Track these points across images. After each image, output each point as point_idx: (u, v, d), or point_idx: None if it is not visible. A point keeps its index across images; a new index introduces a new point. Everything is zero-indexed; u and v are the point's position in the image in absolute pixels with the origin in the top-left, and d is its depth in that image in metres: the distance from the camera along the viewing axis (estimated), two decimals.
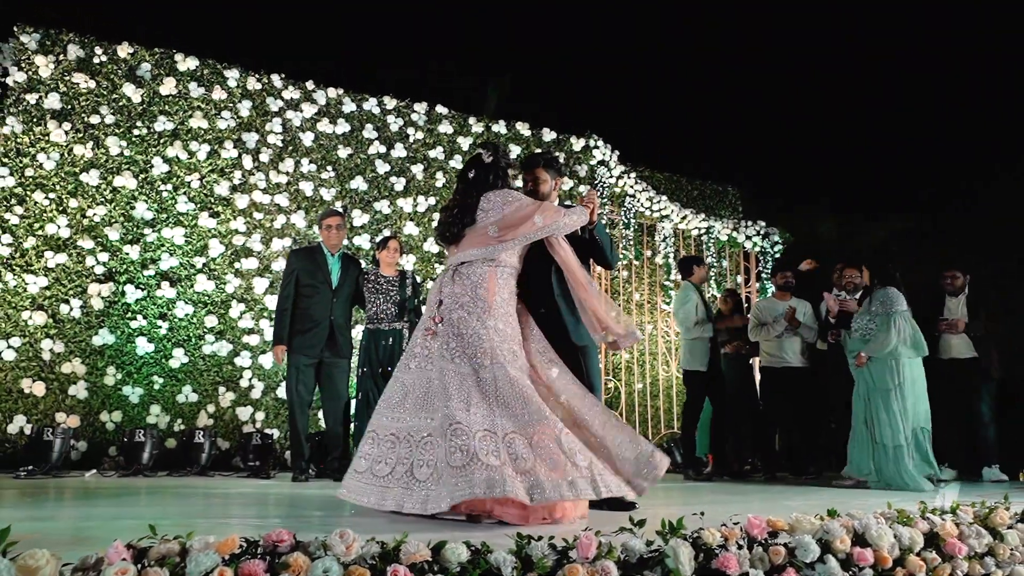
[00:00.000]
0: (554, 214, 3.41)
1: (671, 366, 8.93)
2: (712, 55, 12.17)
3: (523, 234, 3.34)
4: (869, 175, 12.95)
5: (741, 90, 12.19)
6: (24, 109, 6.20)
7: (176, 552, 1.70)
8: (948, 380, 6.46)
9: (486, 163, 3.49)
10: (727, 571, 2.21)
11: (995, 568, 2.86)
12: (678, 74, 11.70)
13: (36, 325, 5.91)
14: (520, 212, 3.35)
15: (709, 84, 11.94)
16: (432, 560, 1.91)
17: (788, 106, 12.41)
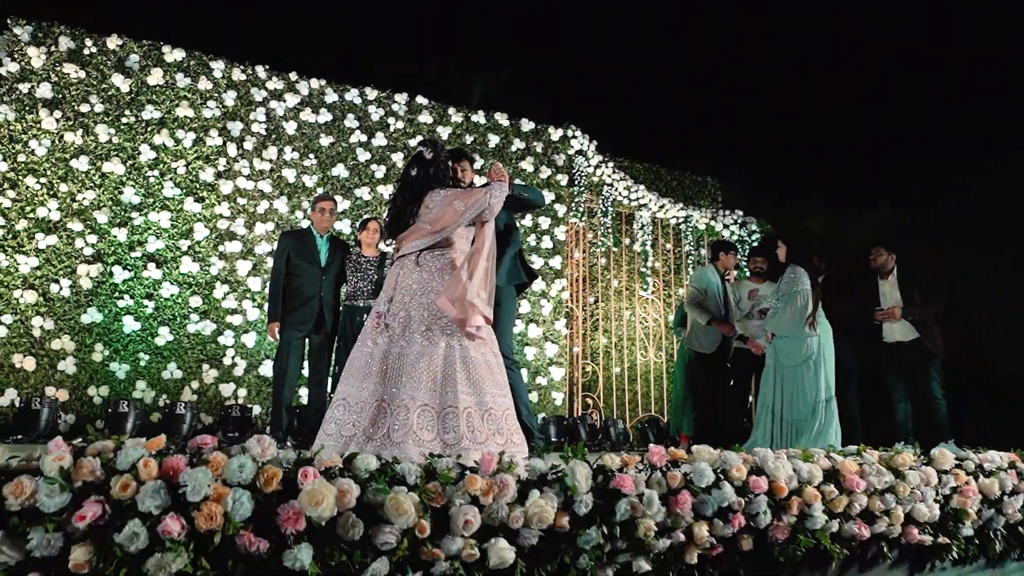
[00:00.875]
0: (473, 195, 3.63)
1: (648, 351, 9.15)
2: (703, 51, 12.39)
3: (450, 222, 3.57)
4: (858, 170, 13.15)
5: (729, 84, 12.41)
6: (17, 98, 6.46)
7: (111, 448, 1.94)
8: (897, 363, 6.61)
9: (427, 159, 3.77)
10: (623, 489, 2.45)
11: (896, 504, 3.09)
12: (663, 67, 11.92)
13: (27, 303, 6.17)
14: (447, 206, 3.61)
15: (695, 77, 12.16)
16: (344, 468, 2.15)
17: (777, 101, 12.62)
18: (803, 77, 11.96)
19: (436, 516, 2.17)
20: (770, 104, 12.08)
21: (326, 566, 1.99)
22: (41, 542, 1.76)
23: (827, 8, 11.74)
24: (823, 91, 11.93)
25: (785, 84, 11.96)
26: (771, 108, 12.05)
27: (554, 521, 2.32)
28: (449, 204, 3.59)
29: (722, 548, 2.66)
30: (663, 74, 11.87)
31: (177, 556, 1.80)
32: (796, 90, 12.00)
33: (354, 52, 8.66)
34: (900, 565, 3.27)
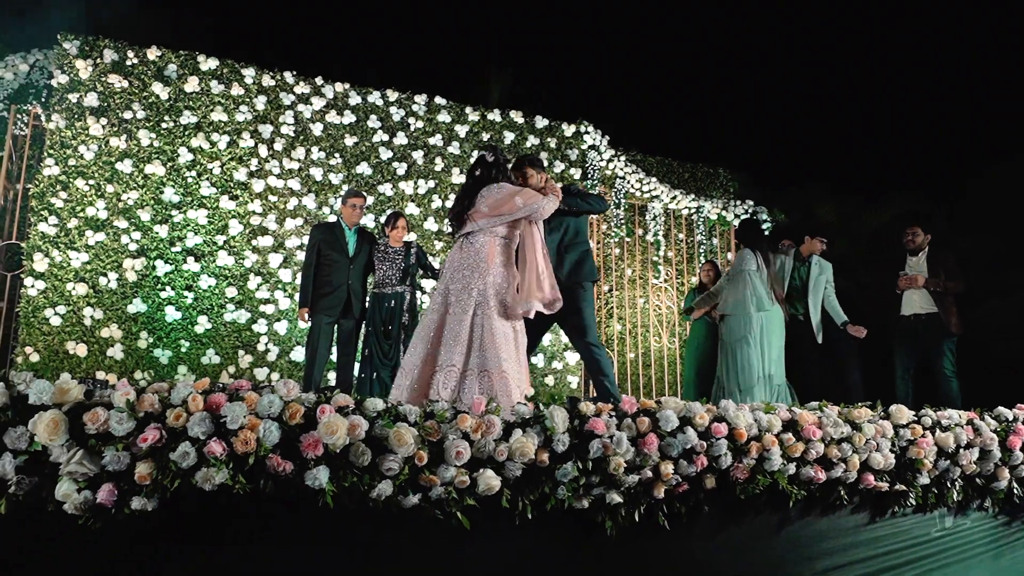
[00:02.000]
0: (532, 197, 4.17)
1: (662, 338, 9.51)
2: (714, 45, 12.69)
3: (508, 211, 4.14)
4: (869, 158, 13.36)
5: (739, 77, 12.69)
6: (67, 107, 7.02)
7: (166, 389, 2.40)
8: (911, 335, 6.90)
9: (488, 162, 4.33)
10: (596, 431, 2.86)
11: (852, 453, 3.45)
12: (675, 62, 12.23)
13: (79, 295, 6.73)
14: (504, 195, 4.16)
15: (707, 71, 12.45)
16: (356, 407, 2.59)
17: (789, 92, 12.88)
18: (812, 67, 12.20)
19: (433, 448, 2.60)
20: (780, 95, 12.34)
21: (340, 485, 2.43)
22: (113, 459, 2.22)
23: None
24: (833, 81, 12.16)
25: (794, 75, 12.21)
26: (781, 99, 12.31)
27: (535, 456, 2.74)
28: (511, 196, 4.12)
29: (687, 485, 3.06)
30: (675, 69, 12.19)
31: (219, 471, 2.25)
32: (806, 81, 12.25)
33: (376, 56, 9.13)
34: (862, 510, 3.63)
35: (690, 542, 3.15)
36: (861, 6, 12.43)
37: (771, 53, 12.34)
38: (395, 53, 9.82)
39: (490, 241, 4.14)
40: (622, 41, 12.47)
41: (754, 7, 12.21)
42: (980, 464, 3.88)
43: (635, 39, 12.41)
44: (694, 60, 12.27)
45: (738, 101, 12.43)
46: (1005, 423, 4.03)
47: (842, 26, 12.35)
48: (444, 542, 2.65)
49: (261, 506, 2.36)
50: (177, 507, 2.28)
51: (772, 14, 12.14)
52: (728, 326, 6.18)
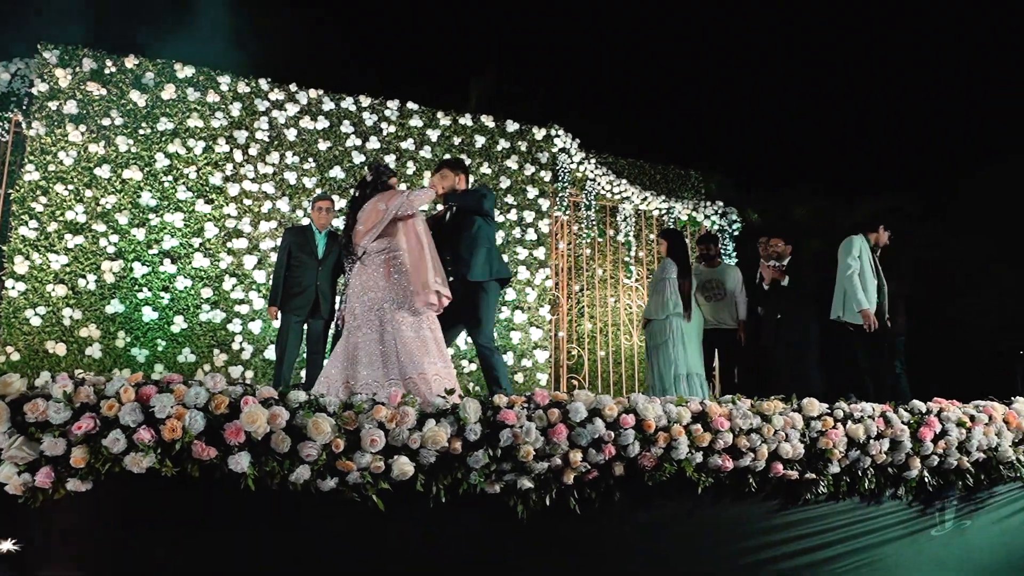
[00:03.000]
0: (395, 196, 4.44)
1: (633, 336, 9.75)
2: (685, 48, 12.92)
3: (378, 219, 4.39)
4: (845, 159, 13.59)
5: (714, 79, 12.92)
6: (47, 115, 7.25)
7: (103, 382, 2.65)
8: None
9: (367, 182, 4.70)
10: (507, 421, 3.11)
11: (761, 444, 3.70)
12: (651, 64, 12.47)
13: (58, 296, 6.97)
14: (370, 208, 4.48)
15: (680, 75, 12.68)
16: (279, 399, 2.84)
17: (765, 94, 13.11)
18: (787, 69, 12.43)
19: (350, 436, 2.85)
20: (756, 97, 12.57)
21: (262, 470, 2.68)
22: (50, 444, 2.47)
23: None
24: (809, 82, 12.39)
25: (770, 77, 12.44)
26: (757, 101, 12.54)
27: (448, 444, 2.99)
28: (374, 206, 4.39)
29: (597, 473, 3.31)
30: (648, 72, 12.43)
31: (147, 456, 2.50)
32: (782, 82, 12.48)
33: (349, 62, 9.37)
34: (774, 498, 3.88)
35: (602, 526, 3.39)
36: (838, 5, 12.66)
37: (746, 54, 12.58)
38: (371, 60, 10.06)
39: (381, 259, 4.41)
40: (596, 45, 12.72)
41: (728, 8, 12.45)
42: (891, 454, 4.12)
43: (609, 43, 12.66)
44: (666, 63, 12.50)
45: (712, 104, 12.67)
46: (918, 415, 4.28)
47: (816, 26, 12.59)
48: (362, 523, 2.90)
49: (188, 489, 2.61)
50: (111, 489, 2.53)
51: (747, 15, 12.39)
52: (650, 331, 6.59)
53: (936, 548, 4.28)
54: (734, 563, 3.72)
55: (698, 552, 3.65)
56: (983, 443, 4.32)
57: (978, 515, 4.40)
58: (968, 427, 4.31)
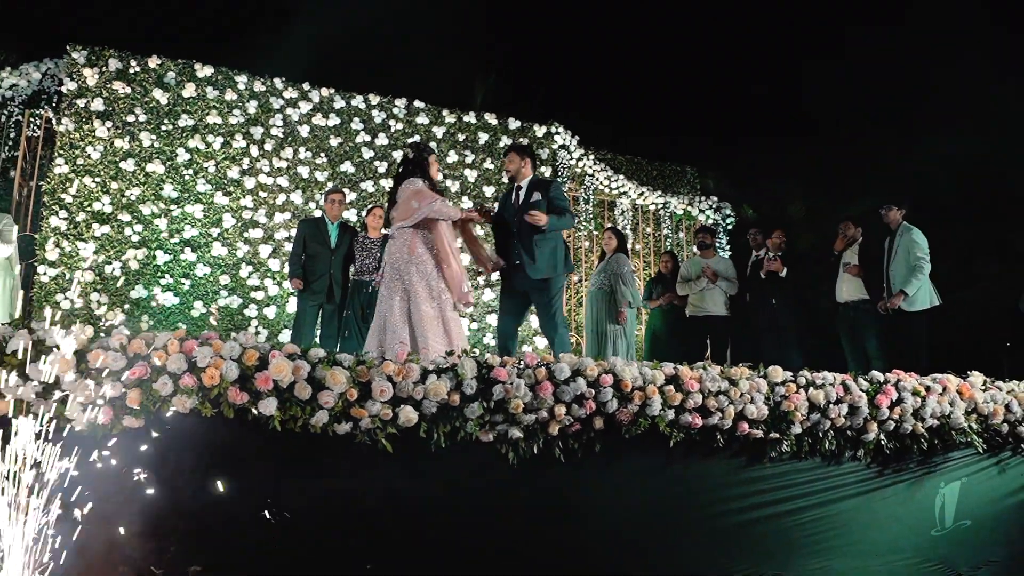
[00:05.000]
0: (427, 199, 4.95)
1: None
2: (685, 46, 13.32)
3: (410, 215, 4.88)
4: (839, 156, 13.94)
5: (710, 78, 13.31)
6: (75, 111, 7.74)
7: (152, 336, 3.10)
8: (846, 323, 7.59)
9: (409, 159, 5.07)
10: (499, 378, 3.55)
11: (728, 404, 4.13)
12: (649, 64, 12.87)
13: (86, 282, 7.45)
14: (403, 200, 5.02)
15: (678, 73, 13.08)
16: (302, 354, 3.29)
17: (759, 91, 13.49)
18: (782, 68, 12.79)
19: (362, 387, 3.29)
20: (751, 94, 12.94)
21: (286, 414, 3.13)
22: (111, 387, 2.92)
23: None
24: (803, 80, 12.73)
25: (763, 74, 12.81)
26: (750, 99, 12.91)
27: (447, 396, 3.43)
28: (408, 198, 4.87)
29: (579, 426, 3.74)
30: (645, 72, 12.83)
31: (190, 397, 2.95)
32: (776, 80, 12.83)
33: (360, 62, 9.82)
34: (741, 455, 4.30)
35: (583, 474, 3.83)
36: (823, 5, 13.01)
37: (740, 53, 12.96)
38: (380, 59, 10.52)
39: (411, 233, 4.92)
40: (596, 45, 13.12)
41: (721, 8, 12.84)
42: (850, 418, 4.53)
43: (607, 43, 13.06)
44: (663, 63, 12.90)
45: (708, 102, 13.06)
46: (876, 384, 4.69)
47: (809, 24, 12.96)
48: (373, 463, 3.33)
49: (223, 427, 3.06)
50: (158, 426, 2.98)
51: (739, 15, 12.77)
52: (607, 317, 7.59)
53: (891, 507, 4.68)
54: (704, 512, 4.15)
55: (670, 501, 4.07)
56: (936, 411, 4.72)
57: (930, 477, 4.81)
58: (923, 396, 4.72)
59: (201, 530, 2.99)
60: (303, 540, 3.19)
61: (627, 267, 7.65)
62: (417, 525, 3.42)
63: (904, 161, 11.85)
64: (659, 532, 4.04)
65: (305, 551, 3.19)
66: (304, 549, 3.19)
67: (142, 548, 2.89)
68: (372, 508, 3.36)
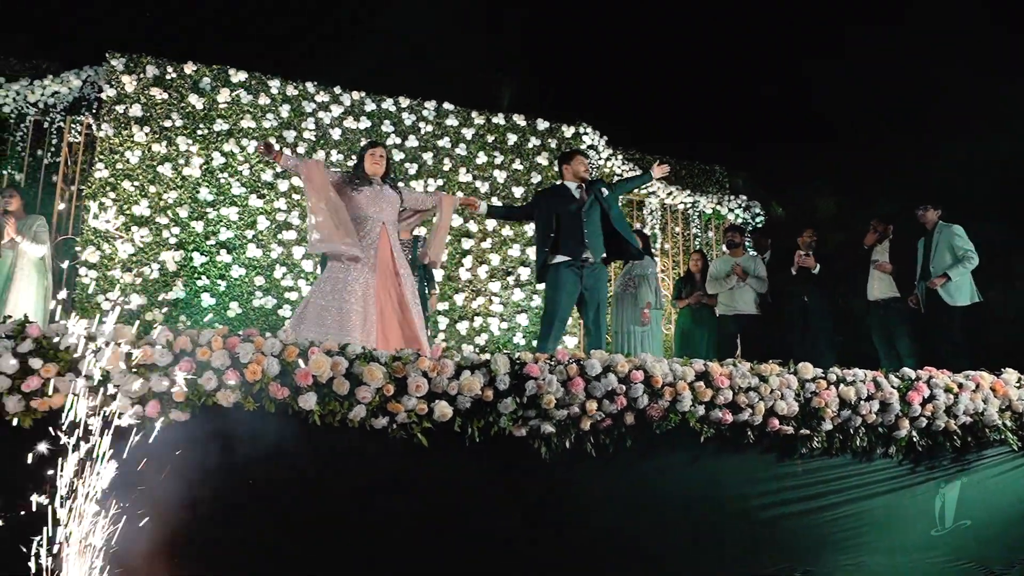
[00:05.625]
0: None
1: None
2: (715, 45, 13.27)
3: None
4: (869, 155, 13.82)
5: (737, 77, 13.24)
6: (114, 117, 7.94)
7: (196, 333, 3.21)
8: (874, 318, 7.57)
9: None
10: (531, 374, 3.61)
11: (759, 401, 4.15)
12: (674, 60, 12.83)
13: (126, 283, 7.64)
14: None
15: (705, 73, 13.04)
16: (340, 350, 3.38)
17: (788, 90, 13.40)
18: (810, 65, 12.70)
19: (398, 383, 3.37)
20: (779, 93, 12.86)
21: (325, 408, 3.22)
22: (157, 383, 3.03)
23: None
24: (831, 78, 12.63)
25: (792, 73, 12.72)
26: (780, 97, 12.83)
27: (481, 392, 3.50)
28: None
29: (610, 421, 3.79)
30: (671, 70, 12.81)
31: (234, 392, 3.05)
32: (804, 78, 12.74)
33: (389, 65, 9.95)
34: (771, 451, 4.33)
35: (615, 469, 3.88)
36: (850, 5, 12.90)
37: (770, 52, 12.90)
38: (409, 62, 10.64)
39: None
40: (624, 45, 13.13)
41: (750, 7, 12.79)
42: (881, 415, 4.53)
43: (636, 43, 13.06)
44: (691, 62, 12.87)
45: (737, 100, 13.01)
46: (908, 381, 4.69)
47: (839, 23, 12.86)
48: (408, 457, 3.42)
49: (265, 421, 3.16)
50: (204, 419, 3.09)
51: (769, 15, 12.70)
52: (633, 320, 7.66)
53: (924, 503, 4.68)
54: (734, 508, 4.17)
55: (701, 497, 4.11)
56: (970, 408, 4.70)
57: (964, 475, 4.79)
58: (956, 393, 4.71)
59: (245, 522, 3.09)
60: (343, 531, 3.28)
61: (651, 268, 7.70)
62: (451, 517, 3.50)
63: (933, 160, 11.73)
64: (690, 527, 4.07)
65: (346, 542, 3.28)
66: (345, 541, 3.28)
67: (190, 540, 3.00)
68: (407, 500, 3.44)
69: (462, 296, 8.73)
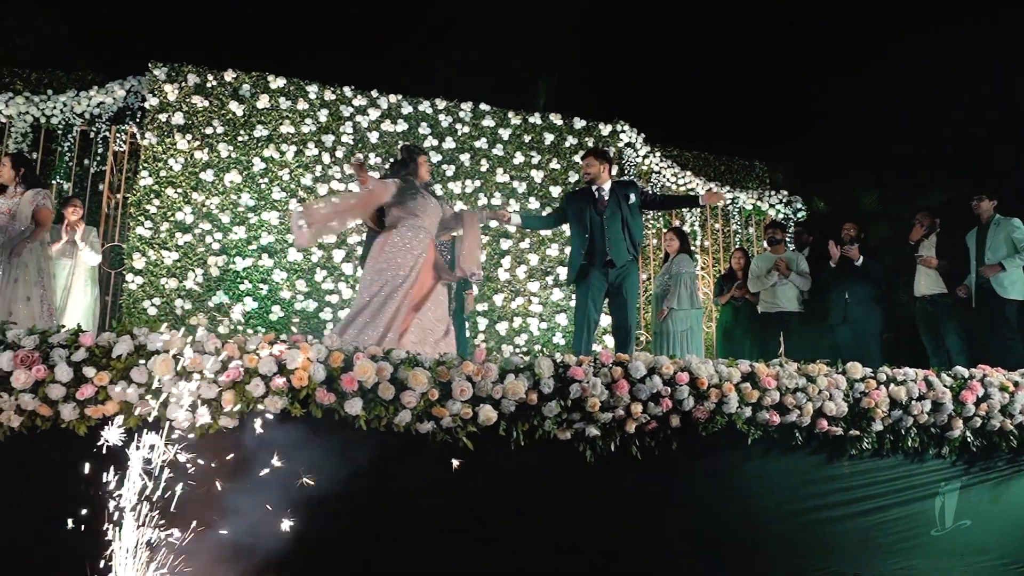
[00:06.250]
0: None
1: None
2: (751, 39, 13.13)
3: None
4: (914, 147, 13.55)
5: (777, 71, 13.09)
6: (157, 126, 8.07)
7: (244, 340, 3.24)
8: (921, 314, 7.39)
9: (395, 162, 5.35)
10: (575, 377, 3.59)
11: (807, 401, 4.09)
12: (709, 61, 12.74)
13: (170, 288, 7.77)
14: None
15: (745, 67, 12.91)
16: (384, 355, 3.39)
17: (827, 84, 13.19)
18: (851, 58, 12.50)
19: (443, 387, 3.38)
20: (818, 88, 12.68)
21: (371, 413, 3.23)
22: (203, 388, 3.06)
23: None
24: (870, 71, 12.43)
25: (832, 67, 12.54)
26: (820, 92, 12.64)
27: (525, 396, 3.49)
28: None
29: (656, 423, 3.76)
30: (709, 66, 12.70)
31: (281, 398, 3.08)
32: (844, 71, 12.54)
33: (426, 67, 10.00)
34: (820, 452, 4.25)
35: (661, 472, 3.84)
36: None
37: (808, 45, 12.72)
38: (446, 64, 10.69)
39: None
40: (660, 42, 13.04)
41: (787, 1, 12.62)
42: (934, 415, 4.43)
43: (673, 39, 12.97)
44: (728, 56, 12.74)
45: (776, 93, 12.85)
46: (960, 380, 4.58)
47: (883, 15, 12.63)
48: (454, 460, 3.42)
49: (312, 427, 3.18)
50: (250, 425, 3.12)
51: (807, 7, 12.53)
52: (674, 318, 7.48)
53: (977, 506, 4.56)
54: (782, 510, 4.11)
55: (748, 499, 4.05)
56: None
57: (1020, 476, 4.66)
58: (1011, 392, 4.58)
59: (294, 526, 3.11)
60: (391, 535, 3.29)
61: (688, 268, 7.66)
62: (496, 521, 3.49)
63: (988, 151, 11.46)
64: (737, 530, 4.02)
65: (394, 546, 3.30)
66: (393, 544, 3.29)
67: (238, 544, 3.03)
68: (453, 504, 3.44)
69: (501, 296, 8.72)
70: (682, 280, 7.54)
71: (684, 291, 7.49)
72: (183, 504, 2.92)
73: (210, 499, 3.03)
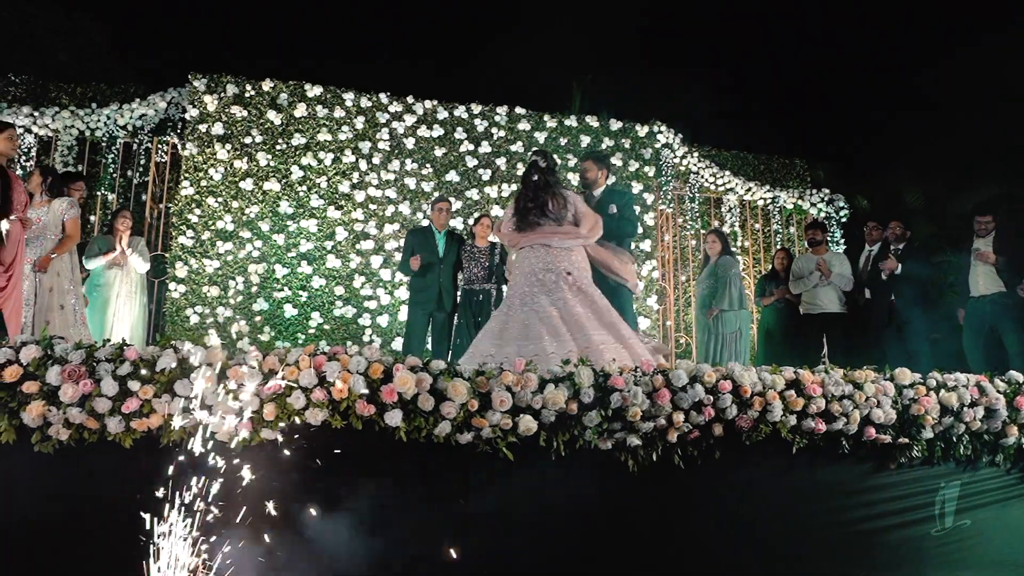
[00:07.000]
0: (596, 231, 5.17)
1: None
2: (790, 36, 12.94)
3: (594, 231, 5.13)
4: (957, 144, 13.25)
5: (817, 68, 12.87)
6: (198, 136, 8.19)
7: (285, 352, 3.26)
8: (979, 314, 7.15)
9: (542, 167, 5.03)
10: (616, 386, 3.55)
11: (853, 409, 3.99)
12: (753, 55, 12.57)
13: (212, 296, 7.87)
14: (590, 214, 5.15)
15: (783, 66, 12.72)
16: (424, 367, 3.38)
17: (868, 80, 12.97)
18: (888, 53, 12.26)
19: (482, 398, 3.36)
20: (860, 84, 12.45)
21: (411, 424, 3.23)
22: (245, 401, 3.08)
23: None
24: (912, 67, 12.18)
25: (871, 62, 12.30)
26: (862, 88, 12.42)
27: (565, 405, 3.45)
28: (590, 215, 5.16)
29: (698, 433, 3.70)
30: (747, 65, 12.53)
31: (322, 410, 3.09)
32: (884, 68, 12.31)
33: (462, 72, 10.01)
34: (867, 461, 4.15)
35: (703, 482, 3.78)
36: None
37: (847, 42, 12.49)
38: (481, 69, 10.69)
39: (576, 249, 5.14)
40: (697, 41, 12.91)
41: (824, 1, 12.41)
42: (987, 422, 4.30)
43: (710, 38, 12.82)
44: (767, 54, 12.56)
45: (817, 90, 12.64)
46: (1015, 385, 4.44)
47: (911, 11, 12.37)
48: (494, 472, 3.40)
49: (352, 438, 3.18)
50: (292, 438, 3.13)
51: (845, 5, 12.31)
52: (723, 319, 7.48)
53: None
54: (828, 520, 4.02)
55: (794, 508, 3.97)
56: None
57: None
58: None
59: (337, 538, 3.12)
60: (431, 548, 3.28)
61: (734, 269, 7.64)
62: (539, 533, 3.46)
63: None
64: (782, 540, 3.94)
65: (435, 559, 3.29)
66: (433, 557, 3.28)
67: (283, 556, 3.04)
68: (494, 516, 3.42)
69: None
70: (731, 281, 7.49)
71: (734, 292, 7.49)
72: (227, 516, 2.95)
73: (255, 512, 3.04)
